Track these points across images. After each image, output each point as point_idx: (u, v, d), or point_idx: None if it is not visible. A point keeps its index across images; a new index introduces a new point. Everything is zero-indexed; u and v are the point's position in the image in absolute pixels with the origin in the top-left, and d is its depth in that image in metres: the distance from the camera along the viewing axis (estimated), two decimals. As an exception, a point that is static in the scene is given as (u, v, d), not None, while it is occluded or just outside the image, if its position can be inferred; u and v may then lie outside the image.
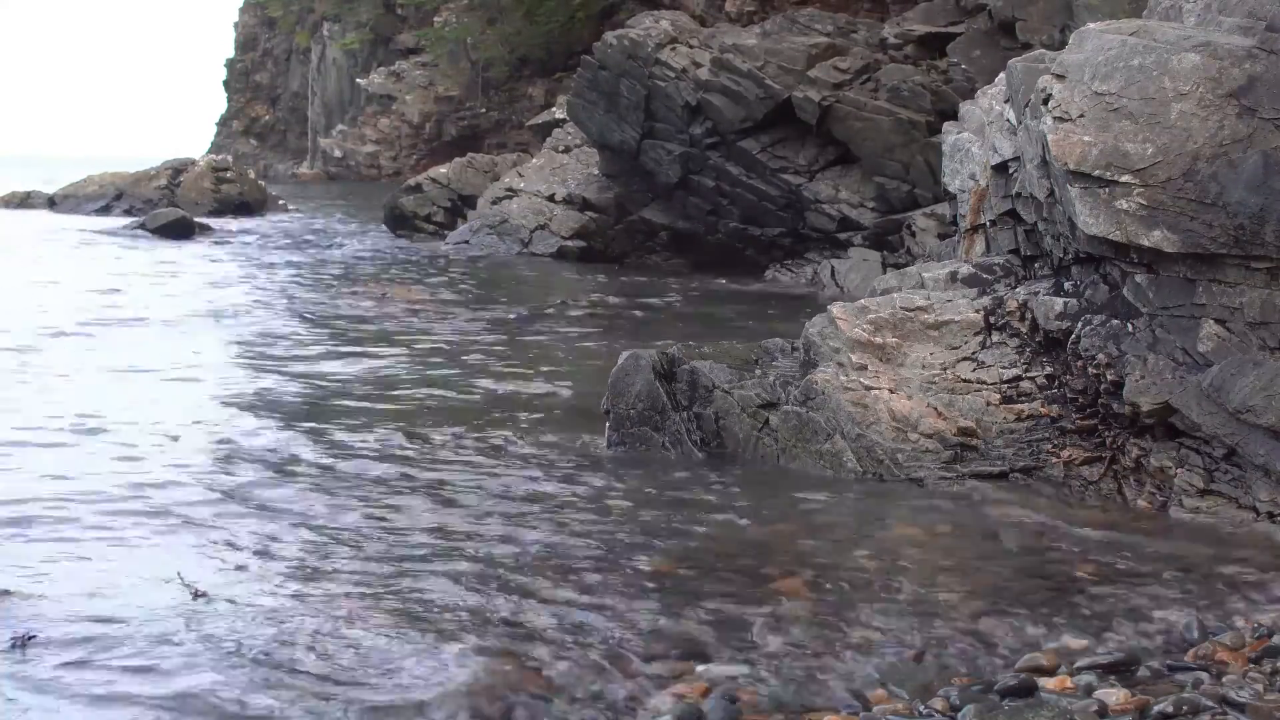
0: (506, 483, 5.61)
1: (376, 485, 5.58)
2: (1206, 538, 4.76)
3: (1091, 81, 5.41)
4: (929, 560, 4.59)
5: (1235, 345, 4.95)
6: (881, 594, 4.19)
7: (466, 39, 42.40)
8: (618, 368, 6.19)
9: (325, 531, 4.85)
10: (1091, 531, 4.86)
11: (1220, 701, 3.15)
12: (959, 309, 5.84)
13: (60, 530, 4.77)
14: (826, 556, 4.59)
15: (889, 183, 15.45)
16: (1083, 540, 4.75)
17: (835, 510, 5.17)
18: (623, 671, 3.48)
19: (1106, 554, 4.62)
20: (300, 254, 18.45)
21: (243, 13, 64.10)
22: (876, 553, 4.67)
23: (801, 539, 4.78)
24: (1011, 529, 4.91)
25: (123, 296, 12.56)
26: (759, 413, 5.85)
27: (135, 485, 5.43)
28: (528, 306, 12.07)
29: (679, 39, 17.81)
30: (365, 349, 9.59)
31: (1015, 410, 5.43)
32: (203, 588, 4.08)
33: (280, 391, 7.88)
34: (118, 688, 3.37)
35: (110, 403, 7.21)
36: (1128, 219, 5.15)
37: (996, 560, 4.59)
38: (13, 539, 4.65)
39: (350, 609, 3.95)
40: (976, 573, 4.44)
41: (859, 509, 5.20)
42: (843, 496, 5.34)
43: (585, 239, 17.76)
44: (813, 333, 5.99)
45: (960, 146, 8.21)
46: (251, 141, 60.33)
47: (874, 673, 3.42)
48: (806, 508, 5.18)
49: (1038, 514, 5.07)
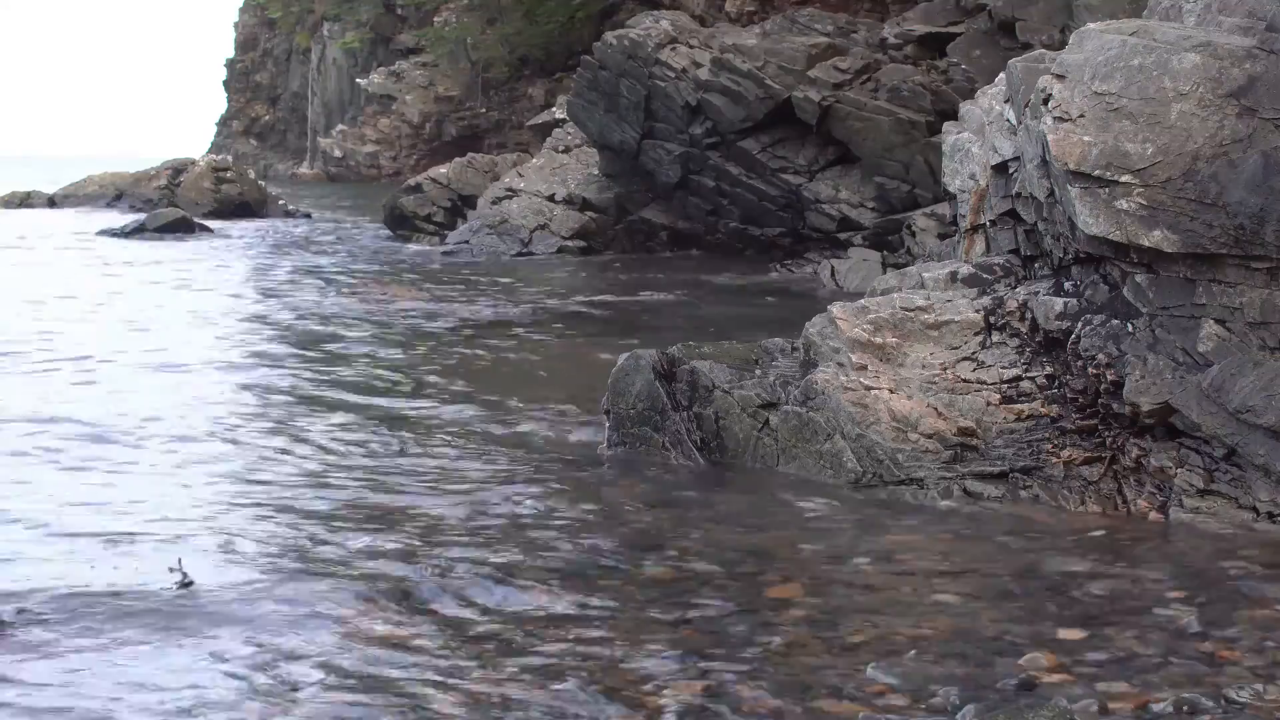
0: (506, 482, 5.61)
1: (374, 484, 5.58)
2: (1207, 537, 4.76)
3: (1091, 81, 5.41)
4: (929, 559, 4.59)
5: (1235, 345, 4.95)
6: (881, 593, 4.19)
7: (466, 39, 42.42)
8: (618, 368, 6.19)
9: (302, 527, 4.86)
10: (1091, 531, 4.87)
11: (1220, 701, 3.15)
12: (959, 309, 5.84)
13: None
14: (824, 560, 4.59)
15: (889, 183, 15.45)
16: (1083, 539, 4.75)
17: (833, 515, 5.17)
18: (621, 677, 3.49)
19: (1107, 553, 4.62)
20: (300, 254, 18.45)
21: (243, 13, 64.14)
22: (875, 554, 4.68)
23: (799, 543, 4.78)
24: (1011, 529, 4.91)
25: (122, 297, 12.56)
26: (759, 413, 5.85)
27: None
28: (527, 306, 12.07)
29: (679, 39, 17.81)
30: (364, 349, 9.59)
31: (1015, 410, 5.43)
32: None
33: (279, 389, 7.88)
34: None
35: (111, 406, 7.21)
36: (1128, 219, 5.15)
37: (996, 560, 4.59)
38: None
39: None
40: (977, 573, 4.44)
41: (857, 513, 5.20)
42: (841, 501, 5.34)
43: (585, 239, 17.75)
44: (813, 333, 5.99)
45: (960, 146, 8.21)
46: (251, 141, 60.36)
47: (873, 672, 3.42)
48: (804, 513, 5.18)
49: (1037, 513, 5.07)
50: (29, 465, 5.84)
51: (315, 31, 54.45)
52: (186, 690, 3.33)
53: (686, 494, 5.47)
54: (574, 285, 14.38)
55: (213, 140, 62.91)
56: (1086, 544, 4.70)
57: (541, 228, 18.02)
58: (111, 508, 5.14)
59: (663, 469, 5.80)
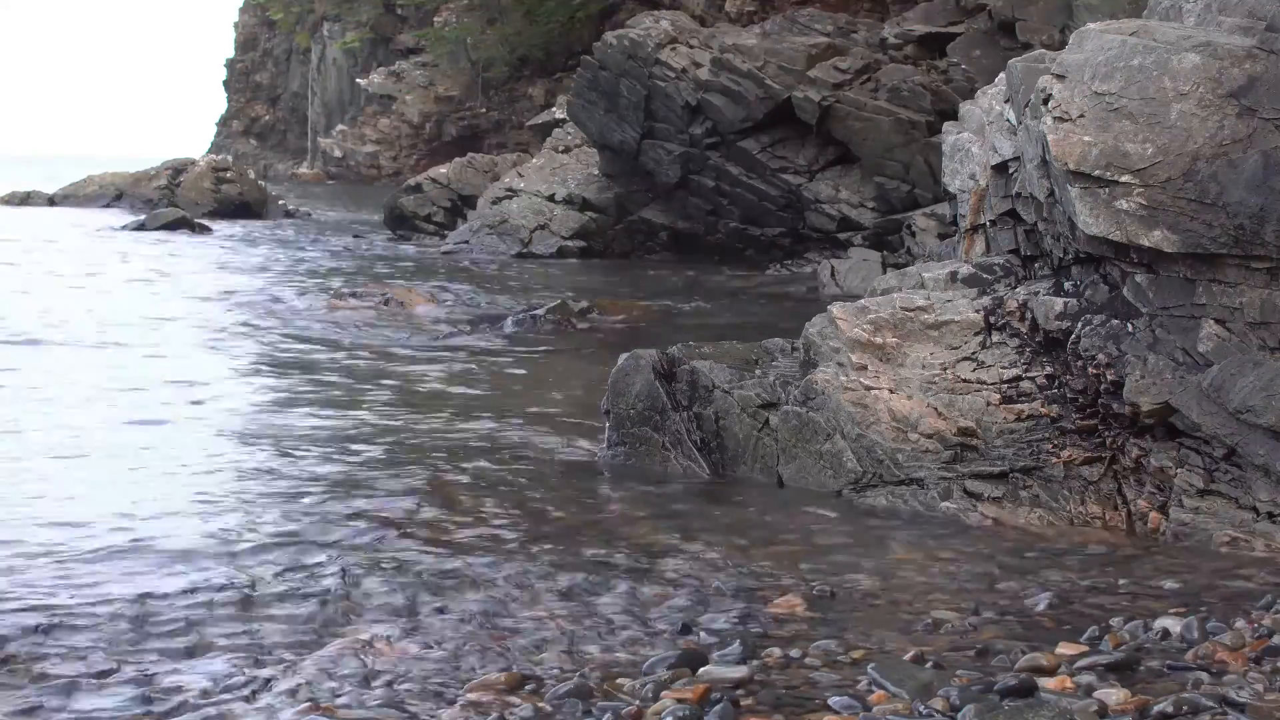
0: (506, 482, 5.61)
1: (370, 485, 5.58)
2: (1208, 539, 4.75)
3: (1091, 81, 5.41)
4: (928, 560, 4.59)
5: (1235, 345, 4.95)
6: (880, 595, 4.19)
7: (466, 39, 42.43)
8: (618, 368, 6.19)
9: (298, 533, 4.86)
10: (1092, 531, 4.86)
11: (1220, 701, 3.14)
12: (959, 309, 5.83)
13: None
14: (823, 565, 4.58)
15: (889, 183, 15.46)
16: (1083, 539, 4.75)
17: (832, 521, 5.17)
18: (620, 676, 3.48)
19: (1107, 552, 4.62)
20: (300, 254, 18.46)
21: (243, 13, 64.15)
22: (874, 554, 4.67)
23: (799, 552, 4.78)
24: (1011, 528, 4.90)
25: (121, 298, 12.56)
26: (759, 413, 5.85)
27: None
28: (528, 306, 12.07)
29: (679, 39, 17.82)
30: (363, 349, 9.59)
31: (1015, 410, 5.42)
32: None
33: (278, 387, 7.88)
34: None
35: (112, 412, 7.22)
36: (1128, 219, 5.15)
37: (997, 560, 4.59)
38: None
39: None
40: (976, 573, 4.44)
41: (856, 520, 5.20)
42: (839, 507, 5.34)
43: (585, 239, 17.76)
44: (813, 333, 5.99)
45: (960, 146, 8.20)
46: (251, 141, 60.38)
47: (872, 673, 3.41)
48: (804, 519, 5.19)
49: (1037, 512, 5.07)
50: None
51: (315, 31, 54.46)
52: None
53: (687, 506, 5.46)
54: (574, 285, 14.38)
55: (213, 140, 62.91)
56: (1087, 543, 4.70)
57: (541, 228, 18.02)
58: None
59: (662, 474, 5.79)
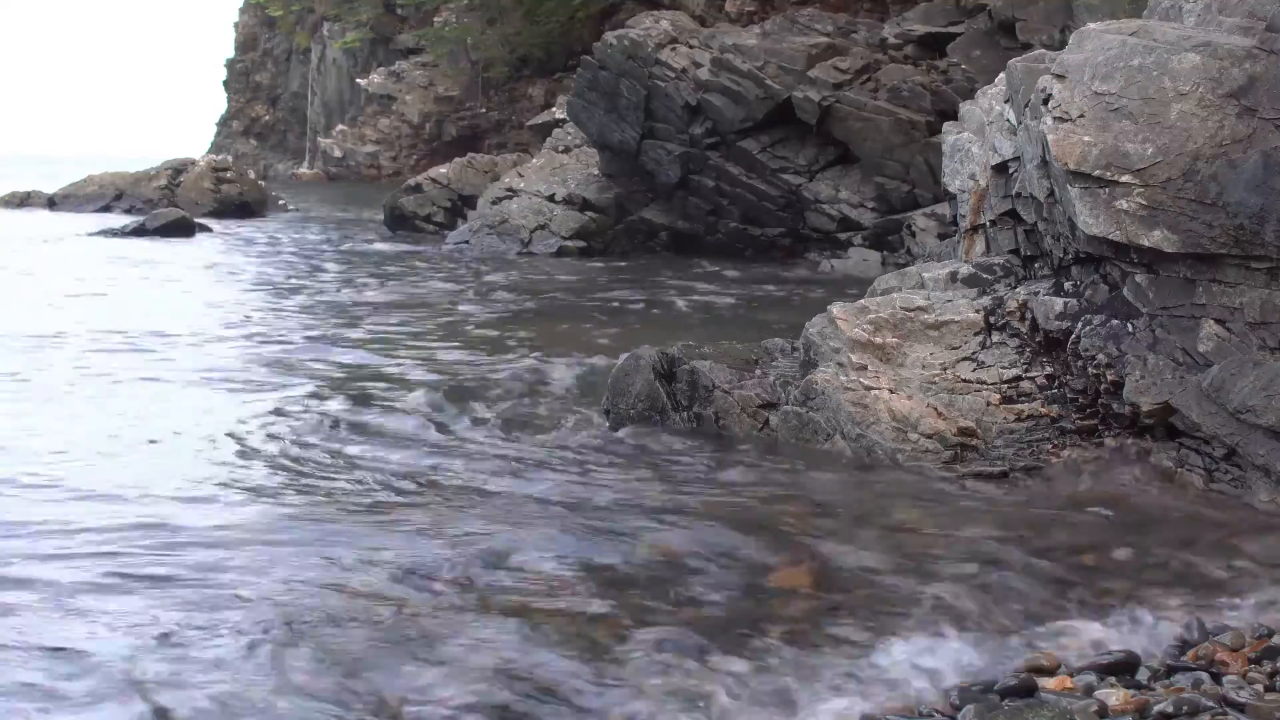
0: (505, 483, 5.61)
1: (367, 483, 5.57)
2: (1209, 535, 4.76)
3: (1091, 81, 5.41)
4: (928, 560, 4.59)
5: (1235, 345, 4.95)
6: (880, 593, 4.19)
7: (466, 39, 42.43)
8: (617, 368, 6.19)
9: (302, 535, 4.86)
10: (1090, 532, 4.86)
11: (1220, 701, 3.15)
12: (959, 309, 5.83)
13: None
14: (829, 550, 4.58)
15: (889, 183, 15.46)
16: (1083, 539, 4.75)
17: (838, 502, 5.15)
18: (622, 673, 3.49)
19: (1106, 553, 4.62)
20: (300, 254, 18.45)
21: (243, 13, 64.11)
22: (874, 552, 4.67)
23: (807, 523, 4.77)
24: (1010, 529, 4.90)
25: (120, 297, 12.56)
26: (759, 413, 5.85)
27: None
28: (527, 306, 12.07)
29: (679, 39, 17.82)
30: (363, 348, 9.58)
31: (1015, 410, 5.42)
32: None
33: (283, 385, 7.88)
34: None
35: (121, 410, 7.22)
36: (1128, 219, 5.15)
37: (996, 559, 4.59)
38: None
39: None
40: (976, 572, 4.43)
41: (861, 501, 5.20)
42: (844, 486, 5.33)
43: (585, 239, 17.75)
44: (812, 333, 5.99)
45: (960, 146, 8.20)
46: (251, 141, 60.36)
47: (873, 669, 3.42)
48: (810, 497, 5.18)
49: (1036, 511, 5.07)
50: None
51: (315, 31, 54.44)
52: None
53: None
54: (573, 285, 14.37)
55: (213, 140, 62.88)
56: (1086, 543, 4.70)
57: (541, 228, 18.02)
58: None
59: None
